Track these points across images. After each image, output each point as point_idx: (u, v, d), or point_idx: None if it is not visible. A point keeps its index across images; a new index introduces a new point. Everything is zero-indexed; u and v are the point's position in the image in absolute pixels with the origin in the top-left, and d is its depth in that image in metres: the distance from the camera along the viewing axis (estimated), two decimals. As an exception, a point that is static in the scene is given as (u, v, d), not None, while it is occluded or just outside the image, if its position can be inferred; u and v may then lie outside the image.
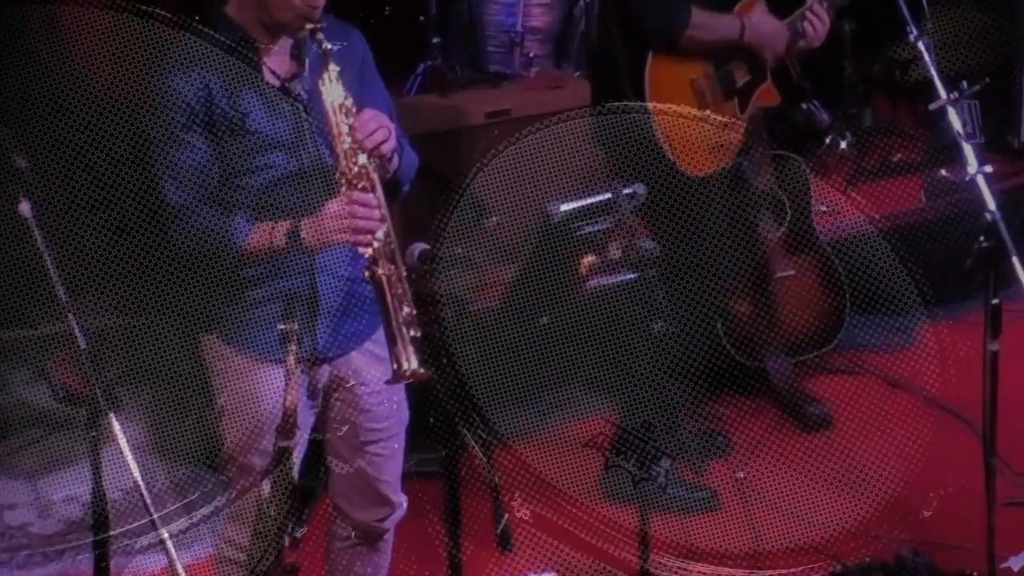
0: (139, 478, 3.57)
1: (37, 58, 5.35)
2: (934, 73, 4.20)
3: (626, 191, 4.16)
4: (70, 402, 3.63)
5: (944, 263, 6.16)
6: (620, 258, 4.09)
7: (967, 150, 4.31)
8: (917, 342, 6.04)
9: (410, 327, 3.63)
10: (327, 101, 3.64)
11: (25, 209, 3.54)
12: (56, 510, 5.13)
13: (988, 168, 4.30)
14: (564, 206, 4.23)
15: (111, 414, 3.54)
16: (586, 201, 4.22)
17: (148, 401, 4.94)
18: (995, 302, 4.21)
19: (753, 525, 4.66)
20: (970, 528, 4.65)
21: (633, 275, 4.11)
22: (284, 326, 3.59)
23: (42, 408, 5.24)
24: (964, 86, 4.48)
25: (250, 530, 3.74)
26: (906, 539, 4.86)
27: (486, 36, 7.28)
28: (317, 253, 3.72)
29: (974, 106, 7.03)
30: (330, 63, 3.63)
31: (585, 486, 4.55)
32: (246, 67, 3.67)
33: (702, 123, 5.04)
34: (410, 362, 3.60)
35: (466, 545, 4.01)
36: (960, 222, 6.63)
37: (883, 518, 4.80)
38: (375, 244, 3.63)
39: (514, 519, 4.06)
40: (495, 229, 4.88)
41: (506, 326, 4.29)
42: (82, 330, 3.56)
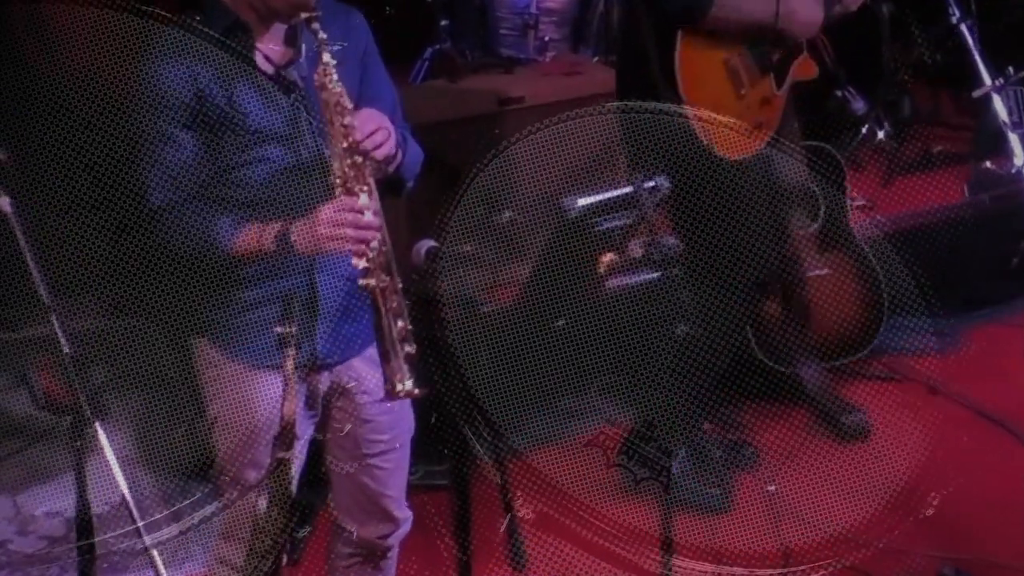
0: (126, 492, 3.56)
1: (16, 47, 5.36)
2: (977, 58, 4.19)
3: (648, 184, 4.14)
4: (53, 410, 3.65)
5: (990, 262, 6.16)
6: (642, 256, 4.07)
7: (1013, 140, 4.30)
8: (961, 346, 6.04)
9: (404, 343, 3.64)
10: (322, 98, 3.63)
11: (4, 204, 3.53)
12: (37, 526, 5.12)
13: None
14: (581, 200, 4.22)
15: (97, 423, 3.53)
16: (605, 195, 4.21)
17: (137, 409, 4.94)
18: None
19: (783, 542, 4.64)
20: (1016, 545, 4.63)
21: (655, 274, 4.10)
22: (282, 329, 3.57)
23: (23, 416, 5.24)
24: (1010, 72, 4.46)
25: (245, 548, 3.72)
26: (948, 556, 4.85)
27: (498, 18, 7.28)
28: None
29: (1021, 93, 7.01)
30: (326, 56, 3.61)
31: (603, 497, 4.54)
32: (238, 54, 3.65)
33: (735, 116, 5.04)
34: (404, 384, 3.63)
35: (477, 563, 4.00)
36: (1006, 218, 6.63)
37: (924, 534, 4.78)
38: (369, 254, 3.62)
39: (520, 521, 4.06)
40: (508, 225, 4.87)
41: (519, 329, 4.28)
42: (66, 333, 3.55)
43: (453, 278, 3.95)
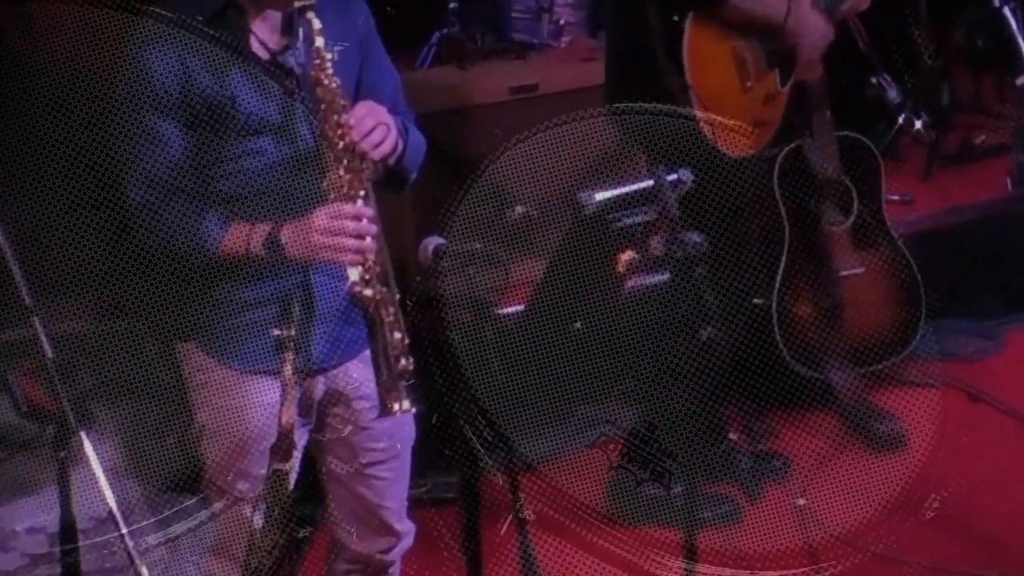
0: (114, 506, 3.56)
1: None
2: (1021, 43, 4.16)
3: (670, 177, 4.13)
4: (35, 418, 3.63)
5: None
6: (663, 254, 4.06)
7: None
8: (1004, 350, 6.02)
9: (400, 358, 3.64)
10: (318, 94, 3.61)
11: (-18, 202, 3.53)
12: (18, 542, 5.12)
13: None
14: (599, 195, 4.19)
15: (82, 432, 3.52)
16: (624, 189, 4.18)
17: (125, 418, 4.93)
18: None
19: (815, 559, 4.63)
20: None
21: (678, 274, 4.08)
22: (280, 332, 3.56)
23: (3, 425, 5.23)
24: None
25: (239, 567, 3.72)
26: (990, 575, 4.84)
27: (510, 0, 7.26)
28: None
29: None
30: (321, 47, 3.59)
31: (622, 511, 4.54)
32: (231, 38, 3.63)
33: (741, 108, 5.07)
34: (400, 404, 3.65)
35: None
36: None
37: (965, 551, 4.77)
38: (367, 263, 3.61)
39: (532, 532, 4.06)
40: (520, 221, 4.86)
41: (533, 332, 4.26)
42: (49, 336, 3.54)
43: (461, 277, 3.94)
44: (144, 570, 3.62)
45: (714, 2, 5.15)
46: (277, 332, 3.56)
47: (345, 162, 3.60)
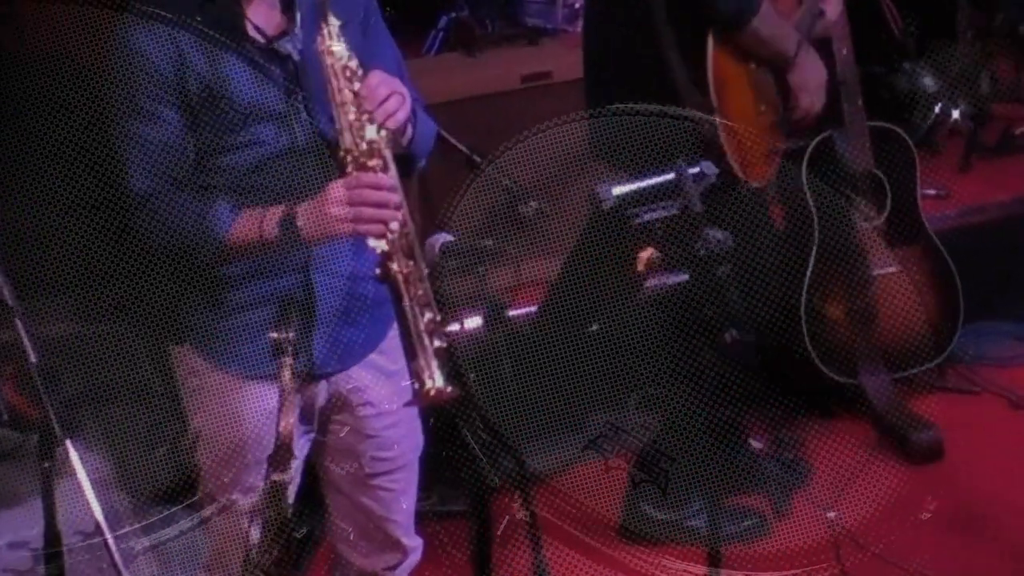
0: (101, 519, 3.56)
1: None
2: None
3: (692, 170, 4.12)
4: (18, 427, 3.63)
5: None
6: (686, 252, 4.06)
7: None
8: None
9: (433, 336, 3.57)
10: (327, 64, 3.60)
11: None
12: (0, 558, 5.12)
13: None
14: (617, 189, 4.18)
15: (68, 441, 3.52)
16: (644, 183, 4.17)
17: (113, 425, 4.93)
18: None
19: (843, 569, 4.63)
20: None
21: (701, 273, 4.08)
22: (278, 335, 3.55)
23: (-16, 434, 5.25)
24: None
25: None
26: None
27: (522, -17, 7.27)
28: (316, 247, 3.67)
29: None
30: (328, 16, 3.58)
31: (641, 527, 4.54)
32: (226, 22, 3.63)
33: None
34: (434, 379, 3.52)
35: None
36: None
37: (1006, 566, 4.77)
38: (389, 236, 3.58)
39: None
40: (534, 217, 4.87)
41: (547, 335, 4.27)
42: (32, 340, 3.54)
43: (471, 276, 3.94)
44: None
45: (745, 24, 5.15)
46: (275, 335, 3.55)
47: (360, 132, 3.59)
